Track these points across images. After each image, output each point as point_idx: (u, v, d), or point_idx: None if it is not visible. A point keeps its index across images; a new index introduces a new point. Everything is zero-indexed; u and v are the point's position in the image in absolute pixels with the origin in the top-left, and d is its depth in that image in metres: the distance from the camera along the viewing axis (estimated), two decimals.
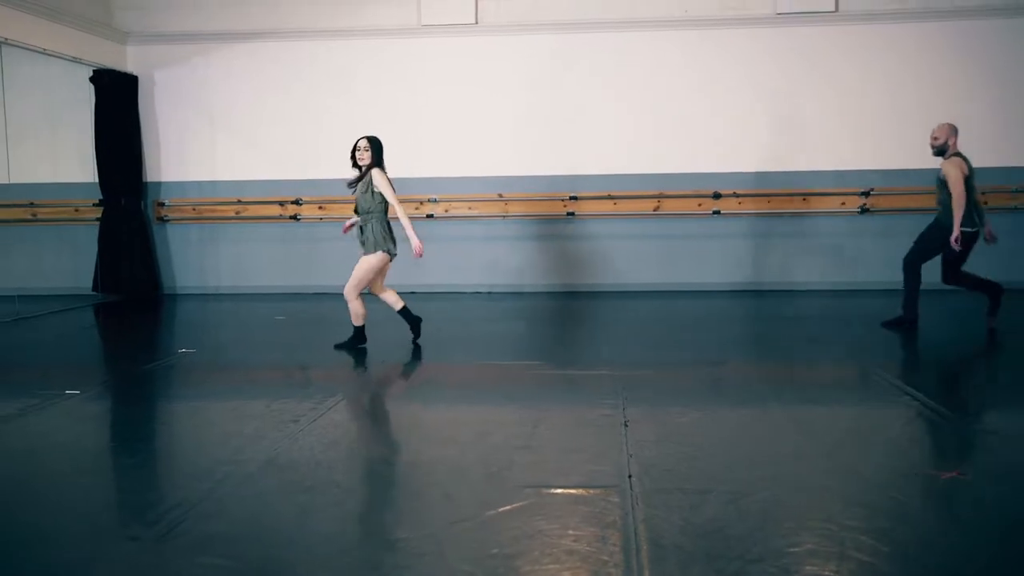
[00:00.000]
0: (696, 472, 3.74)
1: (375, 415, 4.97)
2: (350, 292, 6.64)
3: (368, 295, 6.82)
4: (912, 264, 7.31)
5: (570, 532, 3.08)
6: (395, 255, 6.70)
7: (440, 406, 5.12)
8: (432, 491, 3.55)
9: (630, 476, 3.62)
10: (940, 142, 7.10)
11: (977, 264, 8.31)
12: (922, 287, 7.29)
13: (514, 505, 3.34)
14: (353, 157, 6.65)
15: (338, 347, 6.77)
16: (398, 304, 6.89)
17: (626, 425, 4.42)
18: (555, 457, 3.99)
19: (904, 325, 7.33)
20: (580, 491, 3.49)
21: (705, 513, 3.23)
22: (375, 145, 6.65)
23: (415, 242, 6.45)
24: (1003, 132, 9.78)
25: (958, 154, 7.09)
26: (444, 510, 3.33)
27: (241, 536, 3.13)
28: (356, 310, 6.69)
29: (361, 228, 6.62)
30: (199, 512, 3.34)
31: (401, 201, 6.59)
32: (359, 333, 6.75)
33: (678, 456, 3.96)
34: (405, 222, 6.48)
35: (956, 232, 6.82)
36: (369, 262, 6.57)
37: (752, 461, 3.93)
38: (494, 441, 4.25)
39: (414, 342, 6.87)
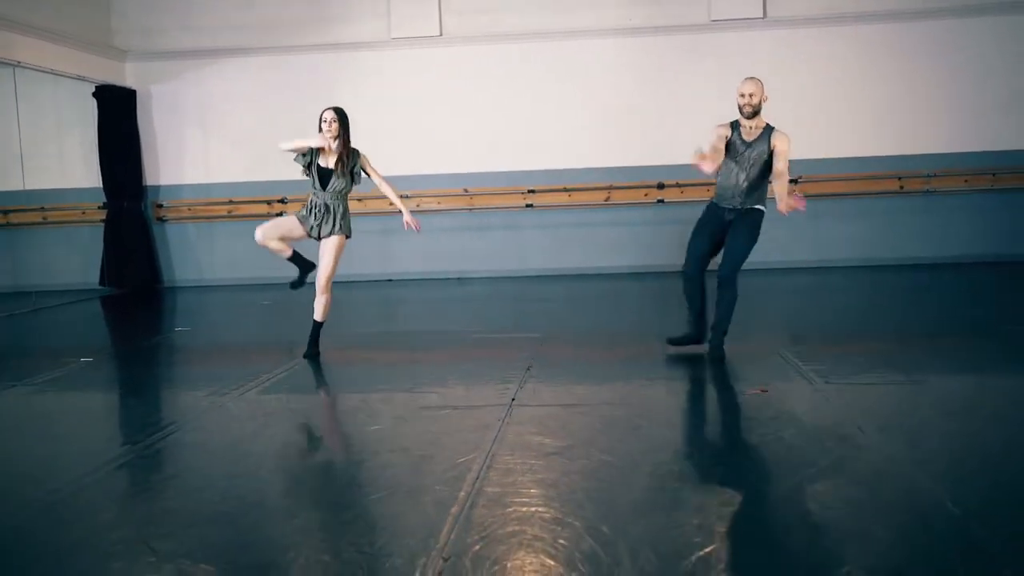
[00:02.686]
0: (566, 395, 4.90)
1: (332, 370, 6.05)
2: (328, 284, 6.31)
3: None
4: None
5: (454, 432, 4.20)
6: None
7: (391, 355, 6.27)
8: (360, 412, 4.68)
9: (513, 399, 4.74)
10: (757, 100, 5.77)
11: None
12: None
13: (417, 421, 4.48)
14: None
15: (309, 354, 6.25)
16: (287, 252, 6.39)
17: (528, 369, 5.54)
18: (463, 388, 5.15)
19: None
20: (472, 408, 4.62)
21: (559, 419, 4.36)
22: (344, 120, 6.25)
23: (412, 219, 6.49)
24: (916, 123, 10.88)
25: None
26: (366, 420, 4.47)
27: (215, 439, 4.27)
28: (328, 304, 6.35)
29: (327, 207, 6.25)
30: (188, 427, 4.49)
31: (373, 197, 7.27)
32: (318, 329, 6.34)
33: (559, 385, 5.13)
34: (399, 201, 6.48)
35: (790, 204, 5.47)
36: (340, 245, 6.30)
37: (618, 387, 5.06)
38: (420, 379, 5.40)
39: (294, 285, 6.58)
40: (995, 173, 10.80)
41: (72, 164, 11.88)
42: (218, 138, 11.81)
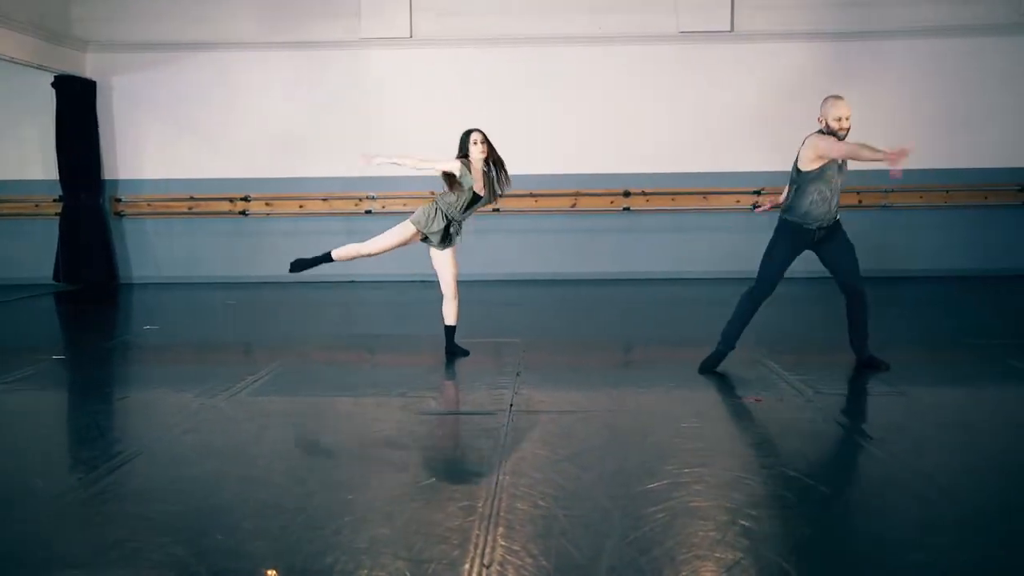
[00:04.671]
0: (563, 401, 4.93)
1: (316, 372, 5.99)
2: (456, 290, 6.26)
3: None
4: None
5: (461, 438, 4.21)
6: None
7: (371, 358, 6.23)
8: (359, 416, 4.65)
9: (511, 405, 4.76)
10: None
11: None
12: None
13: (420, 425, 4.47)
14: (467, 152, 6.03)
15: (451, 353, 6.18)
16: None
17: (518, 375, 5.56)
18: (456, 393, 5.16)
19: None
20: (472, 414, 4.62)
21: (561, 426, 4.39)
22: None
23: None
24: (874, 140, 11.14)
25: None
26: (368, 425, 4.44)
27: (217, 442, 4.21)
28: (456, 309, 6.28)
29: (460, 225, 6.24)
30: (185, 428, 4.41)
31: (339, 198, 7.21)
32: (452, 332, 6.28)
33: (553, 391, 5.16)
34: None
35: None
36: (455, 252, 6.27)
37: (613, 394, 5.11)
38: (411, 383, 5.37)
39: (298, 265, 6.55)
40: (948, 190, 11.15)
41: (28, 155, 11.57)
42: (180, 133, 11.59)
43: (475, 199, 6.09)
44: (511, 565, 2.75)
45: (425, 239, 6.18)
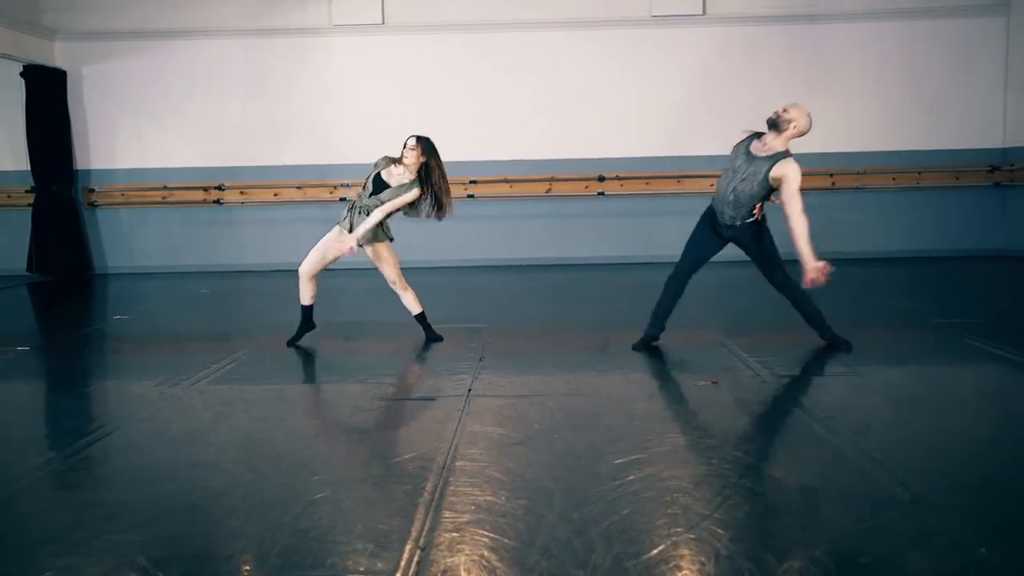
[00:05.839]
0: (522, 386, 4.96)
1: (281, 360, 5.99)
2: (401, 283, 6.27)
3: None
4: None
5: (415, 423, 4.23)
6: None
7: (337, 345, 6.25)
8: (318, 403, 4.68)
9: (470, 390, 4.79)
10: (787, 116, 5.45)
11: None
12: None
13: (375, 409, 4.49)
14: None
15: (431, 340, 6.27)
16: (307, 299, 6.32)
17: (481, 360, 5.59)
18: (417, 379, 5.17)
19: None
20: (430, 399, 4.65)
21: (518, 410, 4.42)
22: (425, 145, 6.14)
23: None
24: (847, 123, 11.20)
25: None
26: (325, 411, 4.47)
27: (172, 430, 4.22)
28: (415, 297, 6.34)
29: (368, 210, 6.06)
30: (143, 417, 4.42)
31: (313, 186, 7.22)
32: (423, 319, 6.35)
33: (513, 376, 5.18)
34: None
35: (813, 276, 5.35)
36: (384, 252, 6.24)
37: (571, 378, 5.14)
38: (372, 369, 5.39)
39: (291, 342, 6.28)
40: (920, 172, 11.23)
41: None
42: (152, 122, 11.54)
43: (378, 185, 6.07)
44: (446, 547, 2.79)
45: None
